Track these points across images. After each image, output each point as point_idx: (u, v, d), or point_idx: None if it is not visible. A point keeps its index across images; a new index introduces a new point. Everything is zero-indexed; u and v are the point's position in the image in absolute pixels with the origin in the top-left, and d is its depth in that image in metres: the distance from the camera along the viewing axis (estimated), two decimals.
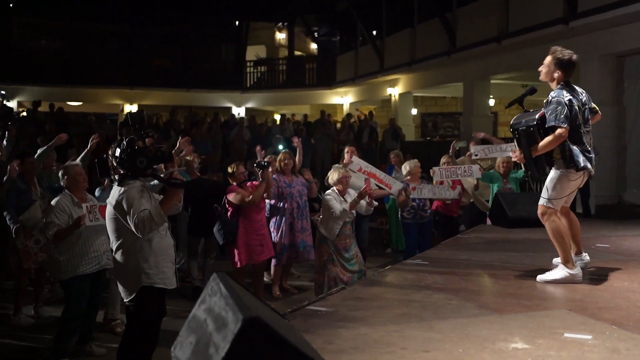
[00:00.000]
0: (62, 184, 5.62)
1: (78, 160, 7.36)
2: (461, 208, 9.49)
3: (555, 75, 4.97)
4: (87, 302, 5.52)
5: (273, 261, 7.94)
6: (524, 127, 4.99)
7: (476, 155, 8.87)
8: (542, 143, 4.88)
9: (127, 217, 4.21)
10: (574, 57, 4.98)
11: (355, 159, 7.95)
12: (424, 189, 8.11)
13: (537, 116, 4.95)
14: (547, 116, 4.84)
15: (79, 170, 5.63)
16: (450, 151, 9.26)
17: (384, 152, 16.53)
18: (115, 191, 4.33)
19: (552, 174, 5.03)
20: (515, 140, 5.13)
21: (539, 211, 5.11)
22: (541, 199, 5.09)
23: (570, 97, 4.85)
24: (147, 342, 4.43)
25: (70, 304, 5.50)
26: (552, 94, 4.92)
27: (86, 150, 7.37)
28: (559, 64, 4.94)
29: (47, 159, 7.56)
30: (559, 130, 4.75)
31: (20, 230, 6.67)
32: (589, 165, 4.89)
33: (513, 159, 5.32)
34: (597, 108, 5.23)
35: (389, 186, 8.08)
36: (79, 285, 5.45)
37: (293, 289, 8.19)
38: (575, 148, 4.88)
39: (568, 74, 5.00)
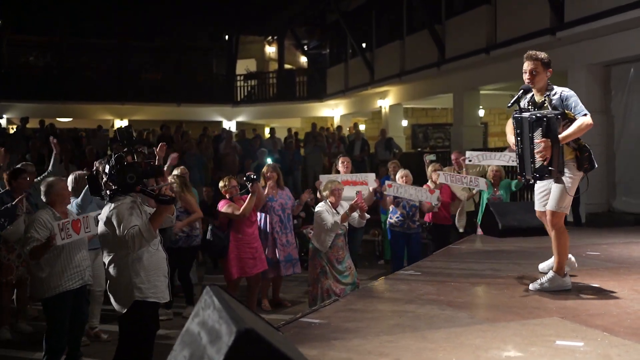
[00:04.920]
0: (43, 199, 5.48)
1: (50, 168, 7.45)
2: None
3: (548, 74, 5.00)
4: (69, 318, 5.40)
5: None
6: (551, 115, 4.74)
7: (469, 160, 8.89)
8: (570, 129, 4.74)
9: (117, 233, 4.22)
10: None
11: (322, 176, 8.05)
12: (400, 188, 8.07)
13: (557, 112, 4.81)
14: (572, 108, 4.79)
15: (64, 185, 5.56)
16: (426, 165, 9.36)
17: (376, 163, 16.54)
18: (106, 207, 4.34)
19: (568, 177, 4.88)
20: (533, 132, 4.79)
21: (552, 217, 4.96)
22: (553, 204, 4.94)
23: None
24: (141, 356, 4.43)
25: (53, 322, 5.36)
26: (558, 90, 4.93)
27: (54, 154, 7.60)
28: (547, 64, 4.99)
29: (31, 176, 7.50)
30: (587, 118, 4.70)
31: (2, 244, 6.70)
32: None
33: (537, 152, 4.75)
34: None
35: (364, 183, 8.13)
36: (61, 303, 5.32)
37: (287, 301, 8.17)
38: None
39: (548, 72, 5.04)
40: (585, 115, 4.74)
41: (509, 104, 5.15)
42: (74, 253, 5.41)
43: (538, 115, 4.80)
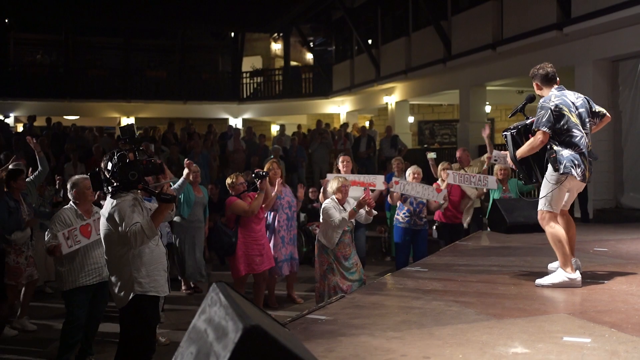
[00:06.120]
0: (69, 196, 5.68)
1: (39, 167, 7.71)
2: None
3: (539, 89, 5.26)
4: (86, 314, 5.55)
5: None
6: (507, 132, 5.28)
7: (495, 160, 8.82)
8: (523, 146, 5.15)
9: (119, 230, 4.25)
10: (548, 68, 5.22)
11: (329, 175, 8.05)
12: (407, 185, 8.05)
13: (528, 122, 5.25)
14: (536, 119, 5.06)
15: (87, 184, 5.62)
16: (430, 163, 9.34)
17: (382, 160, 16.53)
18: (108, 204, 4.37)
19: (545, 178, 5.14)
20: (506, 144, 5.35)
21: (539, 216, 5.20)
22: (539, 204, 5.18)
23: (558, 102, 5.02)
24: (143, 349, 4.46)
25: (70, 316, 5.54)
26: (540, 100, 5.16)
27: (37, 153, 7.73)
28: (537, 79, 5.23)
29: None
30: (537, 134, 5.00)
31: (12, 248, 6.81)
32: (572, 171, 4.96)
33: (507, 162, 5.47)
34: (604, 111, 5.33)
35: (372, 184, 8.11)
36: (78, 297, 5.50)
37: (299, 298, 8.19)
38: (563, 152, 4.99)
39: (550, 84, 5.20)
40: (539, 130, 5.00)
41: (510, 115, 5.68)
42: (94, 250, 5.55)
43: (505, 130, 5.36)
